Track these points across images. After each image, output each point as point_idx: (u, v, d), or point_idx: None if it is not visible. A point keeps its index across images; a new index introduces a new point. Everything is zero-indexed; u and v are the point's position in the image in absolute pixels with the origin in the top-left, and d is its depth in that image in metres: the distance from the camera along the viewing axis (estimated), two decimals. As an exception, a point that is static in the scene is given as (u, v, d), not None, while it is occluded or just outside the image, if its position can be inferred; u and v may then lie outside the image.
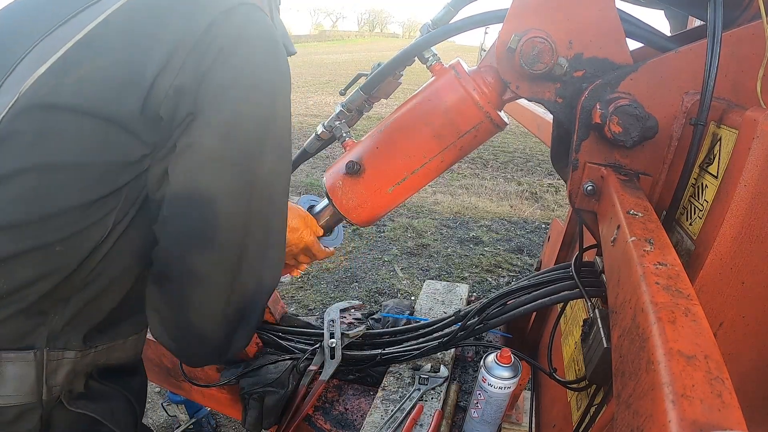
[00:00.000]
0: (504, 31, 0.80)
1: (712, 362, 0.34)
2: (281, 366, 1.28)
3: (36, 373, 0.61)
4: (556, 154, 0.99)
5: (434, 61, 0.95)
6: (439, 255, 3.67)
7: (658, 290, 0.42)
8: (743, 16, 0.78)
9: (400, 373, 1.26)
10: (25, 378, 0.61)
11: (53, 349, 0.62)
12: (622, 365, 0.42)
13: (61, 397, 0.65)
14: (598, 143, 0.77)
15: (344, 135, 1.07)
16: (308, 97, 11.13)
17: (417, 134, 0.96)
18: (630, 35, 0.80)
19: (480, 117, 0.91)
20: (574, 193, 0.81)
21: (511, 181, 5.61)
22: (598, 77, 0.77)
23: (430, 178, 1.01)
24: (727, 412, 0.30)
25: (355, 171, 0.98)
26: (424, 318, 1.50)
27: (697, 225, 0.66)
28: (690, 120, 0.71)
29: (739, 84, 0.70)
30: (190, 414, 1.99)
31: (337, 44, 43.97)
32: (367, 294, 3.12)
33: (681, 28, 1.11)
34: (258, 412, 1.20)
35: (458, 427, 1.14)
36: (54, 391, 0.64)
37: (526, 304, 0.98)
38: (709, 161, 0.67)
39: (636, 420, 0.35)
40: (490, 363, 1.02)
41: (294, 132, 7.66)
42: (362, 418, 1.17)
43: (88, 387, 0.69)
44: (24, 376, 0.60)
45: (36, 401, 0.62)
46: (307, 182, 5.11)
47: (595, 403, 0.83)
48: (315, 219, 1.13)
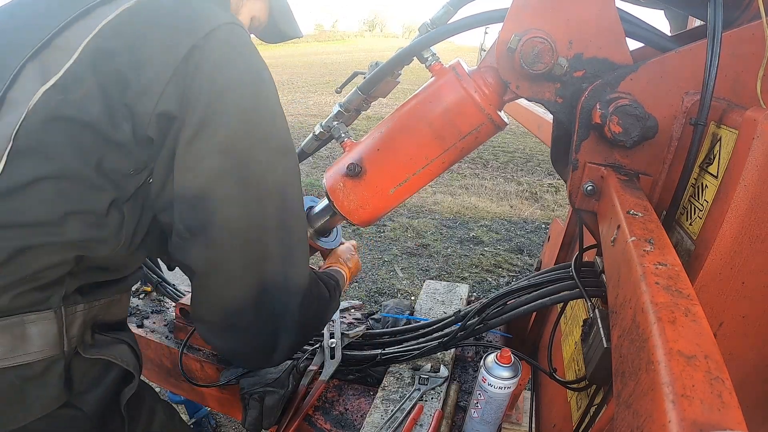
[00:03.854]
0: (504, 31, 0.80)
1: (712, 362, 0.34)
2: (281, 366, 1.28)
3: (57, 328, 0.69)
4: (556, 154, 0.99)
5: (433, 61, 0.95)
6: (439, 255, 3.67)
7: (658, 290, 0.42)
8: (743, 16, 0.78)
9: (400, 373, 1.26)
10: (48, 334, 0.68)
11: (68, 305, 0.71)
12: (622, 365, 0.42)
13: (77, 347, 0.74)
14: (598, 143, 0.77)
15: (342, 135, 1.07)
16: (308, 97, 11.12)
17: (418, 136, 0.95)
18: (630, 35, 0.80)
19: (481, 118, 0.91)
20: (574, 193, 0.81)
21: (511, 181, 5.61)
22: (598, 77, 0.77)
23: (430, 179, 1.01)
24: (727, 412, 0.30)
25: (356, 173, 0.98)
26: (424, 318, 1.50)
27: (697, 225, 0.66)
28: (690, 120, 0.71)
29: (739, 84, 0.70)
30: (190, 414, 2.00)
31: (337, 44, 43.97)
32: (367, 294, 3.12)
33: (681, 28, 1.11)
34: (258, 412, 1.20)
35: (458, 427, 1.14)
36: (73, 342, 0.73)
37: (526, 304, 0.98)
38: (709, 161, 0.67)
39: (636, 420, 0.35)
40: (490, 363, 1.02)
41: (293, 132, 7.66)
42: (362, 418, 1.17)
43: (94, 339, 0.80)
44: (47, 332, 0.68)
45: (59, 353, 0.70)
46: (307, 182, 5.11)
47: (595, 403, 0.83)
48: (315, 220, 1.14)
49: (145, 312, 1.63)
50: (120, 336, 0.86)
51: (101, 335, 0.82)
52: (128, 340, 0.87)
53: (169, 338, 1.51)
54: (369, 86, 1.02)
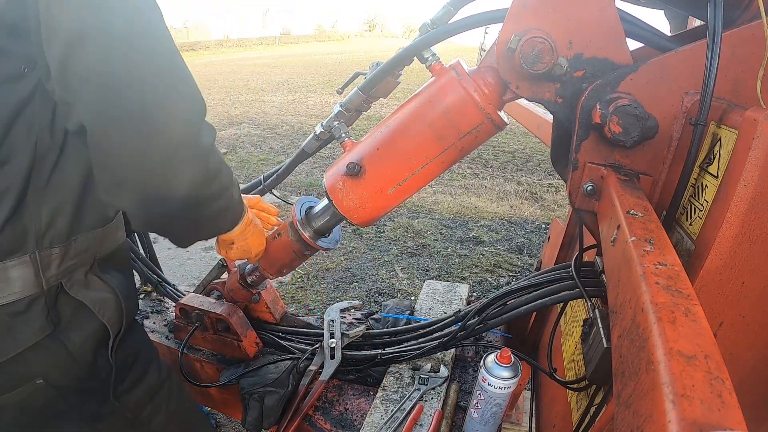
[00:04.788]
0: (504, 31, 0.80)
1: (712, 362, 0.34)
2: (281, 366, 1.28)
3: (34, 270, 0.77)
4: (556, 154, 0.99)
5: (434, 60, 0.95)
6: (439, 255, 3.67)
7: (658, 290, 0.42)
8: (743, 16, 0.78)
9: (400, 373, 1.26)
10: (26, 276, 0.76)
11: (42, 250, 0.77)
12: (622, 365, 0.42)
13: (63, 286, 0.81)
14: (598, 143, 0.77)
15: (343, 135, 1.07)
16: (308, 97, 11.12)
17: (418, 135, 0.95)
18: (630, 35, 0.80)
19: (481, 118, 0.91)
20: (574, 193, 0.81)
21: (511, 181, 5.61)
22: (598, 77, 0.77)
23: (430, 178, 1.01)
24: (727, 412, 0.30)
25: (355, 172, 0.98)
26: (424, 318, 1.50)
27: (697, 225, 0.66)
28: (690, 120, 0.71)
29: (739, 84, 0.70)
30: (190, 414, 1.99)
31: (336, 44, 43.98)
32: (367, 294, 3.12)
33: (681, 28, 1.11)
34: (258, 412, 1.20)
35: (458, 427, 1.14)
36: (51, 281, 0.79)
37: (526, 304, 0.98)
38: (709, 161, 0.67)
39: (636, 420, 0.35)
40: (490, 363, 1.02)
41: (294, 132, 7.65)
42: (362, 418, 1.17)
43: (88, 278, 0.86)
44: (25, 275, 0.76)
45: (39, 291, 0.78)
46: (307, 182, 5.11)
47: (595, 403, 0.83)
48: (315, 219, 1.14)
49: (145, 312, 1.64)
50: (113, 280, 0.89)
51: (96, 276, 0.87)
52: (117, 288, 0.90)
53: (169, 338, 1.51)
54: (369, 86, 1.02)
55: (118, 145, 0.68)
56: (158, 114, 0.68)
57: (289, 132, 7.49)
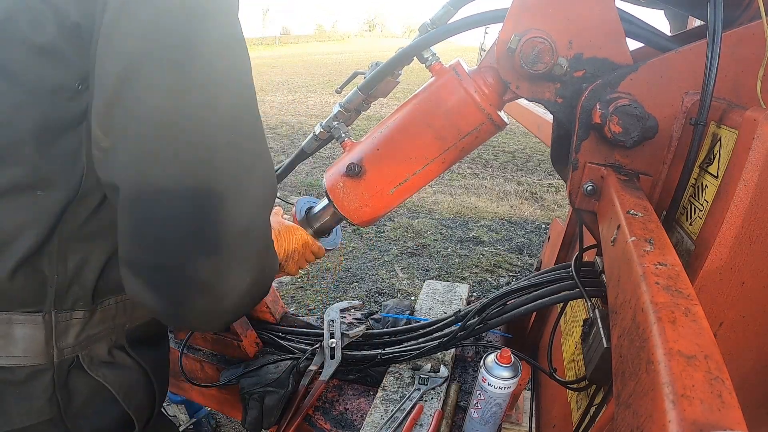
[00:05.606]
0: (504, 31, 0.80)
1: (712, 362, 0.34)
2: (281, 366, 1.28)
3: (45, 335, 0.61)
4: (556, 155, 0.99)
5: (433, 60, 0.95)
6: (439, 255, 3.67)
7: (658, 290, 0.42)
8: (743, 16, 0.78)
9: (400, 373, 1.26)
10: (34, 339, 0.60)
11: (61, 311, 0.62)
12: (622, 365, 0.42)
13: (81, 360, 0.65)
14: (598, 143, 0.77)
15: (342, 135, 1.07)
16: (308, 97, 11.12)
17: (418, 136, 0.95)
18: (630, 35, 0.80)
19: (481, 118, 0.91)
20: (574, 193, 0.81)
21: (511, 181, 5.61)
22: (598, 77, 0.77)
23: (430, 179, 1.01)
24: (727, 412, 0.30)
25: (356, 173, 0.98)
26: (424, 318, 1.50)
27: (697, 225, 0.66)
28: (690, 120, 0.71)
29: (739, 84, 0.70)
30: (190, 414, 1.99)
31: (336, 44, 43.97)
32: (367, 294, 3.12)
33: (681, 28, 1.11)
34: (258, 412, 1.20)
35: (458, 427, 1.14)
36: (66, 353, 0.63)
37: (526, 304, 0.98)
38: (709, 161, 0.67)
39: (636, 420, 0.35)
40: (490, 363, 1.02)
41: (293, 132, 7.65)
42: (362, 418, 1.17)
43: (111, 354, 0.69)
44: (33, 337, 0.60)
45: (46, 363, 0.62)
46: (307, 182, 5.11)
47: (595, 403, 0.83)
48: (315, 220, 1.13)
49: (145, 312, 1.63)
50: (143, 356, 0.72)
51: (123, 351, 0.70)
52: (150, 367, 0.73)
53: (170, 338, 1.51)
54: (369, 86, 1.02)
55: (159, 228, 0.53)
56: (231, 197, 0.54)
57: (288, 132, 7.50)
